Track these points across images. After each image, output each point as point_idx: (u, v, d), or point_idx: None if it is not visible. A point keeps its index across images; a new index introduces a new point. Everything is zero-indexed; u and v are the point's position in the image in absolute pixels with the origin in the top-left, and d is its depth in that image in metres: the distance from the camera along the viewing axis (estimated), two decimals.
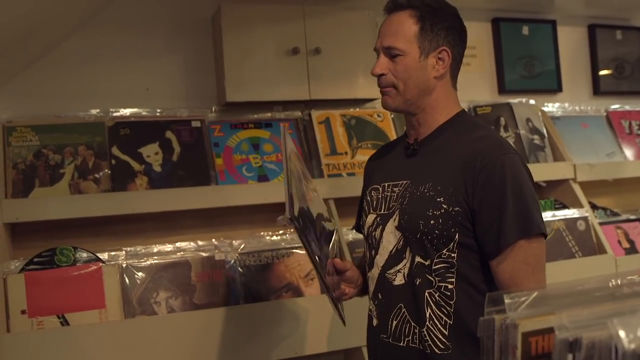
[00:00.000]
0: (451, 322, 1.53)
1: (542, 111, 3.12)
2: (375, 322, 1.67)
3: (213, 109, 2.60)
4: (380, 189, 1.71)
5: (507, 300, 0.95)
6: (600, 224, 2.93)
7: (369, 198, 1.74)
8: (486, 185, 1.51)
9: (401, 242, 1.61)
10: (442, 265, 1.54)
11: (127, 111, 2.46)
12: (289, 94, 2.58)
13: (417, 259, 1.57)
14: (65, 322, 2.07)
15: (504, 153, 1.55)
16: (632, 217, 3.09)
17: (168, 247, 2.34)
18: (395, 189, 1.66)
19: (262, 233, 2.51)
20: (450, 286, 1.54)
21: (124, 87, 2.50)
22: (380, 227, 1.66)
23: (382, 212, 1.67)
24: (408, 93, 1.62)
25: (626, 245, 2.98)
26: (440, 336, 1.54)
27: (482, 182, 1.52)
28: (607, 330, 0.80)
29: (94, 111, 2.41)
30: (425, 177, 1.60)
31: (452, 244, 1.54)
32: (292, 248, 2.44)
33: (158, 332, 2.11)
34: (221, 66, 2.51)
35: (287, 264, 2.40)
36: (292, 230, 2.55)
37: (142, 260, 2.23)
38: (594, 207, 3.04)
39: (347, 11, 2.65)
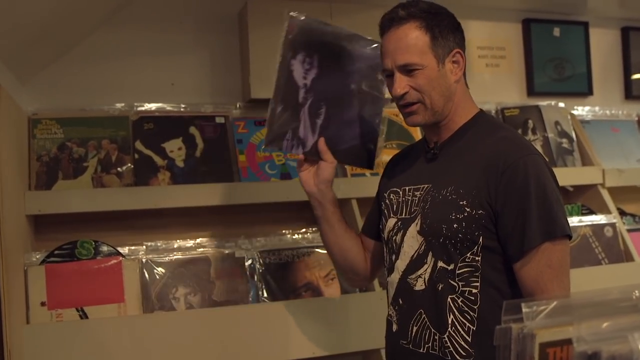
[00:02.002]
0: (474, 328, 1.50)
1: (572, 114, 3.06)
2: (395, 327, 1.65)
3: (237, 106, 2.59)
4: (401, 192, 1.68)
5: (525, 309, 0.92)
6: (629, 230, 2.86)
7: (387, 201, 1.72)
8: (509, 186, 1.49)
9: (423, 247, 1.58)
10: (466, 269, 1.52)
11: (151, 106, 2.46)
12: None
13: (440, 263, 1.54)
14: (84, 315, 2.08)
15: (527, 154, 1.53)
16: None
17: (189, 243, 2.34)
18: (416, 193, 1.63)
19: (283, 231, 2.50)
20: (474, 290, 1.51)
21: (149, 81, 2.50)
22: (402, 231, 1.63)
23: (403, 216, 1.65)
24: (435, 105, 1.59)
25: None
26: (463, 343, 1.51)
27: (505, 184, 1.50)
28: (627, 344, 0.77)
29: (118, 105, 2.41)
30: (447, 180, 1.58)
31: (476, 248, 1.51)
32: (313, 247, 2.42)
33: (176, 328, 2.11)
34: (247, 62, 2.50)
35: (308, 263, 2.39)
36: (313, 229, 2.54)
37: (163, 255, 2.23)
38: (622, 213, 2.97)
39: (375, 9, 2.59)
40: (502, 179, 1.50)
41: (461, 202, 1.53)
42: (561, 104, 3.07)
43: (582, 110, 3.14)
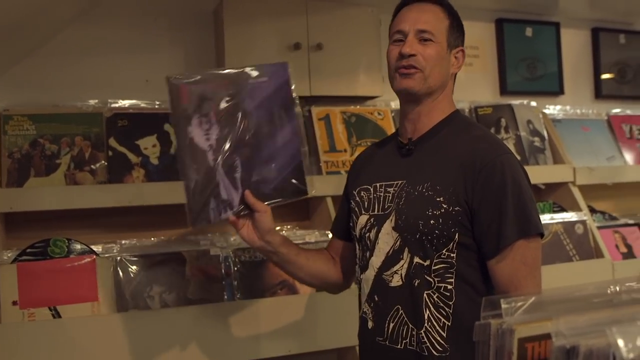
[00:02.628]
0: (449, 324, 1.52)
1: (544, 113, 3.11)
2: (370, 324, 1.64)
3: None
4: (372, 189, 1.68)
5: (504, 305, 0.93)
6: (599, 227, 2.92)
7: (357, 199, 1.71)
8: (486, 185, 1.52)
9: (398, 243, 1.58)
10: (441, 265, 1.53)
11: (125, 102, 2.43)
12: None
13: (416, 259, 1.55)
14: (57, 315, 2.05)
15: (502, 153, 1.56)
16: (631, 221, 3.08)
17: (163, 241, 2.32)
18: (389, 189, 1.63)
19: None
20: (449, 287, 1.52)
21: (124, 78, 2.48)
22: (376, 228, 1.63)
23: (376, 212, 1.64)
24: (432, 80, 1.61)
25: (624, 249, 2.97)
26: (439, 338, 1.52)
27: (482, 182, 1.52)
28: (605, 338, 0.79)
29: (92, 101, 2.38)
30: (422, 176, 1.58)
31: (452, 244, 1.53)
32: None
33: (151, 326, 2.09)
34: (222, 60, 2.49)
35: None
36: (295, 231, 2.54)
37: (137, 253, 2.21)
38: (592, 210, 3.02)
39: (351, 7, 2.63)
40: (479, 178, 1.52)
41: (438, 199, 1.54)
42: (533, 103, 3.11)
43: (553, 109, 3.19)
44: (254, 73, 1.66)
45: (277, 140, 1.69)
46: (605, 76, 3.39)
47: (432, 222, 1.53)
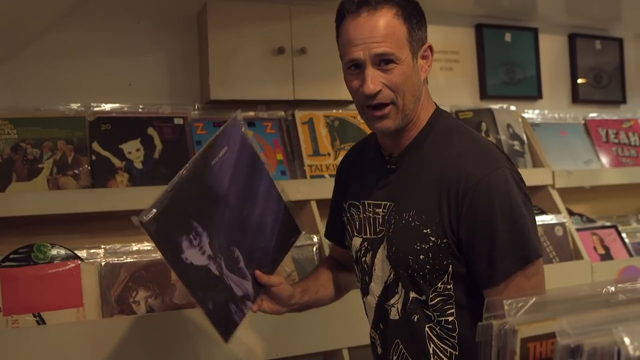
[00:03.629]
0: (456, 353, 1.43)
1: (523, 117, 3.15)
2: (380, 350, 1.56)
3: (196, 107, 2.57)
4: (361, 207, 1.56)
5: (506, 306, 0.95)
6: (577, 230, 2.96)
7: (349, 216, 1.60)
8: (471, 213, 1.35)
9: (392, 275, 1.48)
10: (439, 299, 1.42)
11: (108, 106, 2.42)
12: (273, 94, 2.56)
13: (412, 294, 1.44)
14: (41, 321, 2.02)
15: (490, 171, 1.37)
16: (607, 223, 3.14)
17: (148, 246, 2.29)
18: (378, 210, 1.50)
19: None
20: (450, 318, 1.42)
21: (106, 81, 2.46)
22: (370, 253, 1.52)
23: (368, 236, 1.53)
24: (407, 107, 1.41)
25: (601, 251, 3.01)
26: None
27: (467, 210, 1.36)
28: (609, 336, 0.81)
29: (74, 105, 2.36)
30: (408, 202, 1.44)
31: (446, 277, 1.41)
32: None
33: (137, 332, 2.07)
34: (206, 64, 2.48)
35: None
36: None
37: (122, 258, 2.19)
38: (570, 213, 3.07)
39: (334, 12, 2.59)
40: (464, 205, 1.35)
41: (425, 231, 1.40)
42: (512, 107, 3.16)
43: (532, 114, 3.23)
44: (213, 152, 1.48)
45: (259, 204, 1.59)
46: (581, 81, 3.45)
47: (421, 257, 1.40)
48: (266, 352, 2.22)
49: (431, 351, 1.44)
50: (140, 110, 2.45)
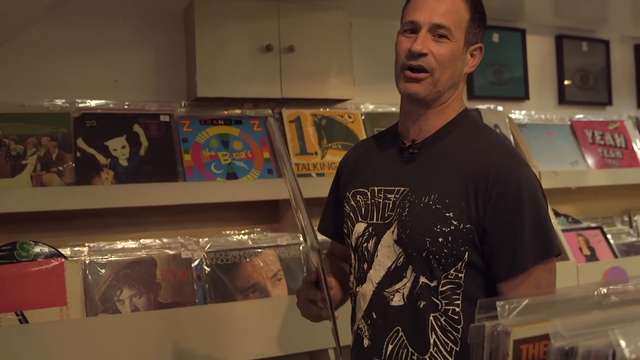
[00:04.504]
0: (457, 349, 1.40)
1: (510, 118, 3.16)
2: (366, 342, 1.50)
3: (182, 104, 2.54)
4: (369, 193, 1.52)
5: (498, 307, 0.94)
6: (563, 231, 2.97)
7: (353, 203, 1.56)
8: (500, 202, 1.38)
9: (402, 259, 1.44)
10: (449, 286, 1.41)
11: (93, 103, 2.39)
12: (260, 92, 2.54)
13: (422, 279, 1.42)
14: (24, 320, 1.99)
15: (518, 166, 1.42)
16: (593, 224, 3.15)
17: (133, 244, 2.28)
18: (389, 196, 1.48)
19: (229, 232, 2.47)
20: (457, 309, 1.40)
21: (92, 77, 2.43)
22: (374, 238, 1.49)
23: (374, 221, 1.50)
24: (441, 83, 1.45)
25: (587, 252, 3.03)
26: None
27: (495, 199, 1.38)
28: (604, 339, 0.80)
29: (59, 101, 2.33)
30: (428, 186, 1.44)
31: (460, 264, 1.40)
32: (259, 248, 2.40)
33: (121, 331, 2.05)
34: (193, 61, 2.46)
35: (254, 263, 2.37)
36: (266, 234, 2.53)
37: (106, 256, 2.16)
38: (556, 214, 3.08)
39: (322, 10, 2.63)
40: (492, 193, 1.38)
41: (447, 214, 1.39)
42: (500, 108, 3.16)
43: (519, 114, 3.24)
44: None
45: None
46: (568, 82, 3.46)
47: (440, 239, 1.39)
48: (251, 352, 2.21)
49: (432, 342, 1.41)
50: (126, 107, 2.43)
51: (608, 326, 0.81)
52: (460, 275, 1.41)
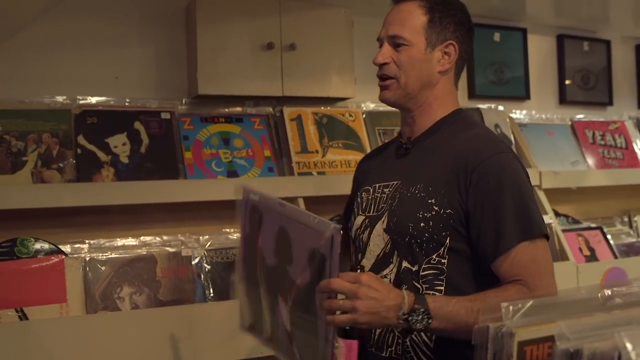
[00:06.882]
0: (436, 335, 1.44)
1: (510, 118, 3.15)
2: None
3: (183, 101, 2.53)
4: (371, 190, 1.65)
5: (503, 309, 0.94)
6: (563, 231, 2.97)
7: (359, 200, 1.67)
8: (480, 184, 1.45)
9: (389, 246, 1.53)
10: (431, 271, 1.47)
11: (94, 99, 2.38)
12: (261, 90, 2.54)
13: (405, 264, 1.49)
14: (24, 317, 1.98)
15: (499, 151, 1.49)
16: (593, 225, 3.15)
17: (133, 241, 2.27)
18: (385, 190, 1.59)
19: (229, 229, 2.46)
20: (438, 295, 1.45)
21: (93, 74, 2.42)
22: (368, 229, 1.59)
23: (370, 213, 1.60)
24: (409, 86, 1.58)
25: (587, 252, 3.03)
26: (424, 348, 1.46)
27: (476, 182, 1.45)
28: (609, 341, 0.80)
29: (60, 98, 2.32)
30: (416, 177, 1.54)
31: (442, 249, 1.46)
32: None
33: (121, 328, 2.04)
34: (194, 58, 2.45)
35: None
36: None
37: (106, 253, 2.16)
38: (556, 214, 3.08)
39: (324, 8, 2.62)
40: (473, 177, 1.45)
41: (429, 200, 1.48)
42: (500, 107, 3.16)
43: (519, 114, 3.24)
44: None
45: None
46: (569, 82, 3.46)
47: (422, 224, 1.48)
48: (252, 350, 2.20)
49: None
50: (126, 104, 2.42)
51: (613, 328, 0.81)
52: (443, 261, 1.46)
